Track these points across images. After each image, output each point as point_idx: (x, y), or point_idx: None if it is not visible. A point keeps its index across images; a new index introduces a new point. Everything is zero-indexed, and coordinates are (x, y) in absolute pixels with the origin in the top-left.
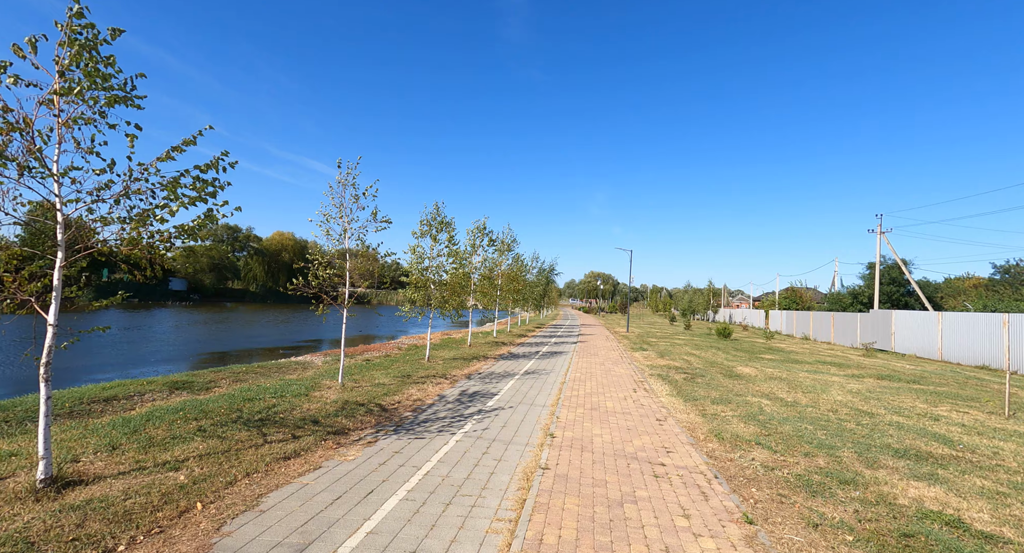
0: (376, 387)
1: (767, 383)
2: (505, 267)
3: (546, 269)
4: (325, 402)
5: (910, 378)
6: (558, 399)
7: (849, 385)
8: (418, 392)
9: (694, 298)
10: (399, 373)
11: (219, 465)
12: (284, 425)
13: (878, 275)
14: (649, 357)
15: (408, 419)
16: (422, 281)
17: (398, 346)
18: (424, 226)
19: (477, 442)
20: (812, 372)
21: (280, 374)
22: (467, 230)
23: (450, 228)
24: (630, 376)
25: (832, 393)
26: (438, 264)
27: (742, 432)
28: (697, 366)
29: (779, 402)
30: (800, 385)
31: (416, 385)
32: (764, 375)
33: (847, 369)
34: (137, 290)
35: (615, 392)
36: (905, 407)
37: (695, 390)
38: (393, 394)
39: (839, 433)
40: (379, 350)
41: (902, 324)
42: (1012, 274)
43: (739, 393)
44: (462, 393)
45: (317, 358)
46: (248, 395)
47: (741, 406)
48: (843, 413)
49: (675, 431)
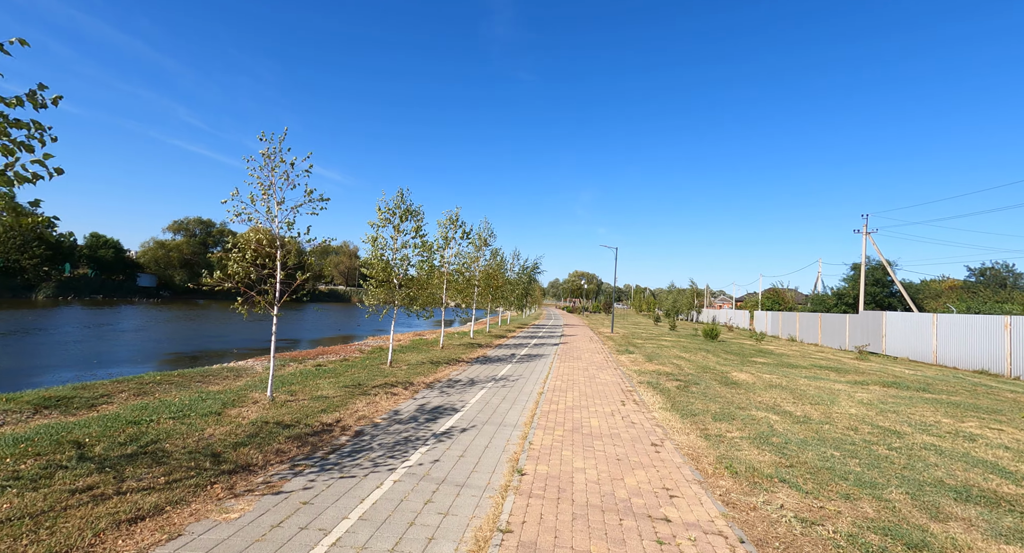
0: (315, 401)
1: (768, 392)
2: (483, 263)
3: (528, 267)
4: (240, 424)
5: (917, 385)
6: (533, 415)
7: (857, 394)
8: (366, 407)
9: (678, 298)
10: (350, 382)
11: (13, 541)
12: (164, 462)
13: (864, 276)
14: (636, 361)
15: (342, 446)
16: (384, 276)
17: (361, 348)
18: (385, 214)
19: (421, 484)
20: (811, 378)
21: (204, 384)
22: (438, 222)
23: (417, 217)
24: (617, 384)
25: (843, 405)
26: (403, 257)
27: (758, 462)
28: (689, 372)
29: (788, 417)
30: (805, 395)
31: (366, 398)
32: (763, 382)
33: (846, 374)
34: (102, 287)
35: (600, 405)
36: (929, 423)
37: (691, 402)
38: (334, 410)
39: (874, 462)
40: (338, 353)
41: (894, 326)
42: (987, 276)
43: (741, 405)
44: (420, 408)
45: (261, 363)
46: (138, 416)
47: (748, 423)
48: (865, 431)
49: (676, 461)
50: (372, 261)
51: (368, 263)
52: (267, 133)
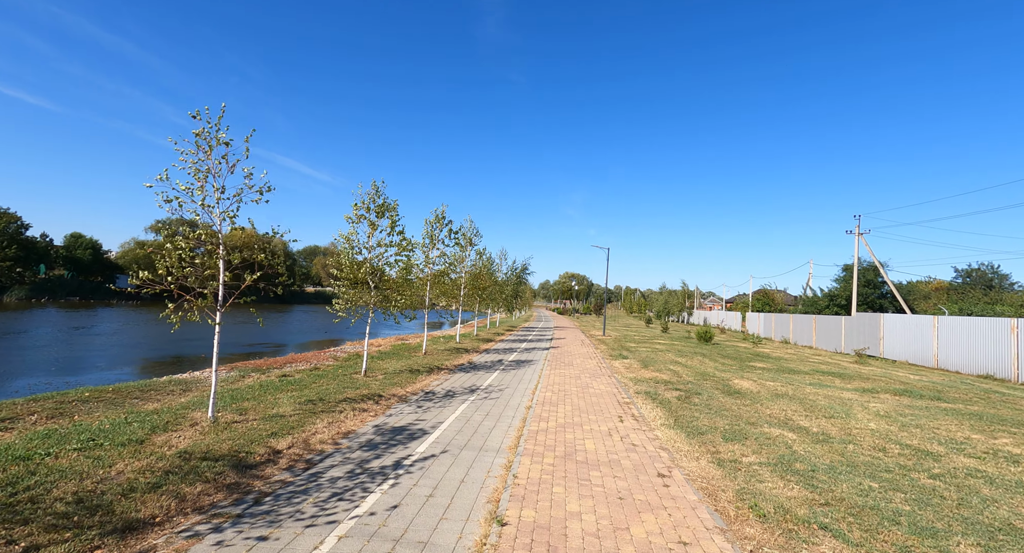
0: (267, 422)
1: (776, 403)
2: (469, 264)
3: (517, 268)
4: (163, 456)
5: (928, 394)
6: (519, 437)
7: (871, 405)
8: (327, 428)
9: (669, 299)
10: (315, 395)
11: None
12: (30, 518)
13: (856, 277)
14: (631, 367)
15: (283, 485)
16: (358, 276)
17: (335, 355)
18: (360, 210)
19: (371, 545)
20: (817, 386)
21: (141, 401)
22: (425, 220)
23: (392, 212)
24: (612, 395)
25: (859, 418)
26: (378, 255)
27: (787, 499)
28: (688, 379)
29: (806, 435)
30: (816, 406)
31: (329, 415)
32: (768, 391)
33: (851, 380)
34: (79, 288)
35: (596, 422)
36: (960, 441)
37: (696, 417)
38: (286, 433)
39: (922, 497)
40: (310, 360)
41: (892, 328)
42: (973, 278)
43: (751, 420)
44: (389, 429)
45: (224, 373)
46: (34, 448)
47: (763, 444)
48: (895, 452)
49: (689, 499)
50: (341, 260)
51: (338, 262)
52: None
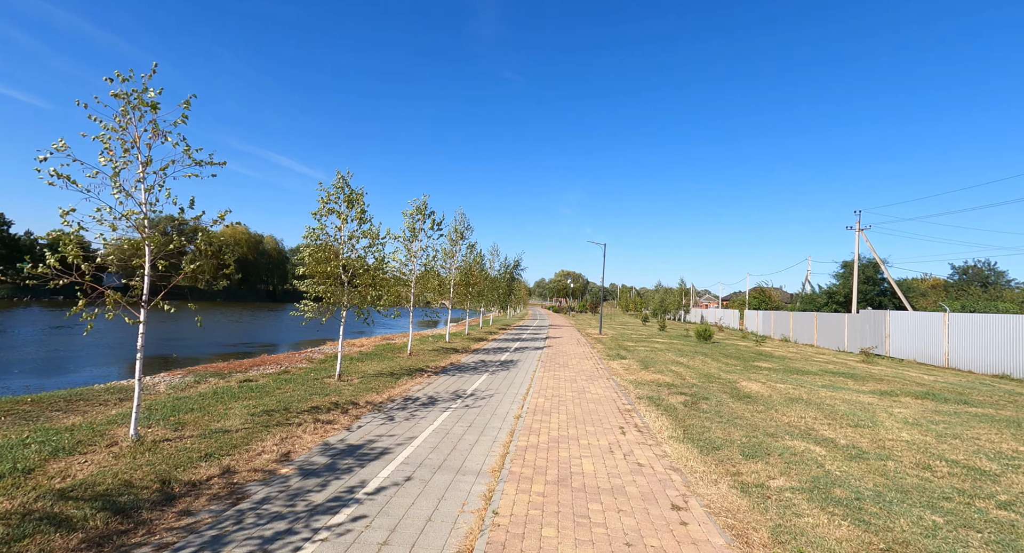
0: (204, 440)
1: (792, 409)
2: (459, 259)
3: (510, 264)
4: (47, 490)
5: (952, 397)
6: (505, 454)
7: (895, 410)
8: (274, 447)
9: (665, 298)
10: (275, 404)
11: None
12: None
13: (857, 273)
14: (630, 368)
15: (177, 541)
16: (328, 271)
17: (311, 357)
18: (330, 202)
19: None
20: (830, 388)
21: (63, 413)
22: (403, 212)
23: (359, 202)
24: (612, 400)
25: (888, 426)
26: (349, 249)
27: (836, 541)
28: (692, 381)
29: (835, 449)
30: (836, 412)
31: (284, 430)
32: (779, 395)
33: (864, 382)
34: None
35: (594, 434)
36: (1009, 454)
37: (707, 426)
38: (224, 454)
39: (1004, 538)
40: (281, 363)
41: (899, 326)
42: (970, 275)
43: (769, 430)
44: (347, 446)
45: (178, 378)
46: None
47: (790, 462)
48: (943, 471)
49: (715, 545)
50: (302, 255)
51: (301, 259)
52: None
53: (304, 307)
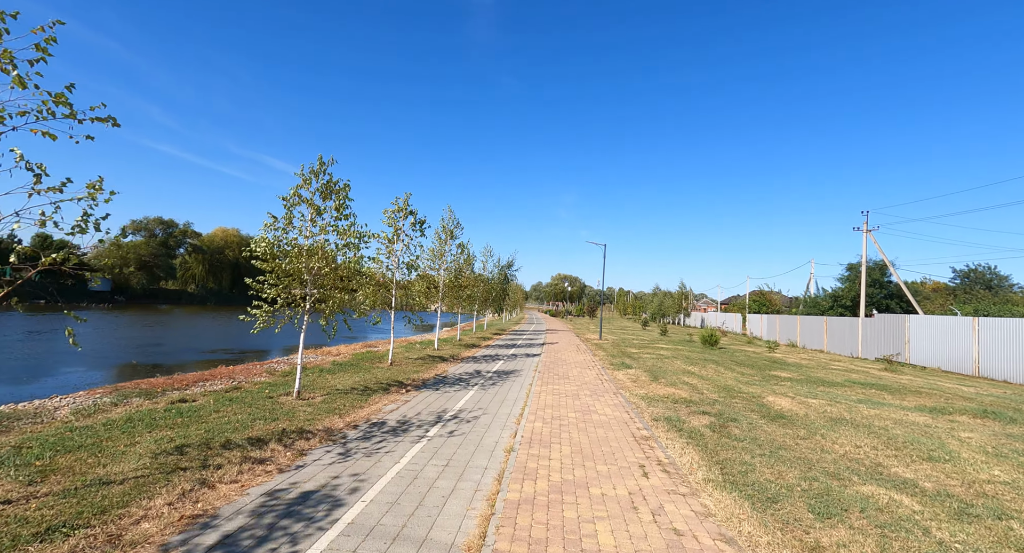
0: (70, 497)
1: (839, 433)
2: (449, 259)
3: (502, 265)
4: None
5: (1012, 414)
6: (489, 517)
7: (960, 434)
8: (163, 508)
9: (664, 301)
10: (196, 437)
11: None
12: None
13: (864, 276)
14: (639, 380)
15: None
16: (289, 269)
17: (273, 369)
18: (304, 190)
19: None
20: (869, 403)
21: None
22: (383, 211)
23: (340, 195)
24: (623, 423)
25: (969, 459)
26: (319, 243)
27: None
28: (711, 396)
29: (924, 497)
30: (894, 438)
31: (189, 477)
32: (817, 414)
33: (902, 395)
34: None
35: (608, 477)
36: None
37: (749, 462)
38: (70, 530)
39: None
40: (235, 376)
41: (920, 331)
42: (972, 278)
43: (829, 468)
44: (263, 509)
45: (91, 399)
46: None
47: (880, 523)
48: None
49: None
50: (255, 248)
51: (258, 252)
52: None
53: (255, 311)
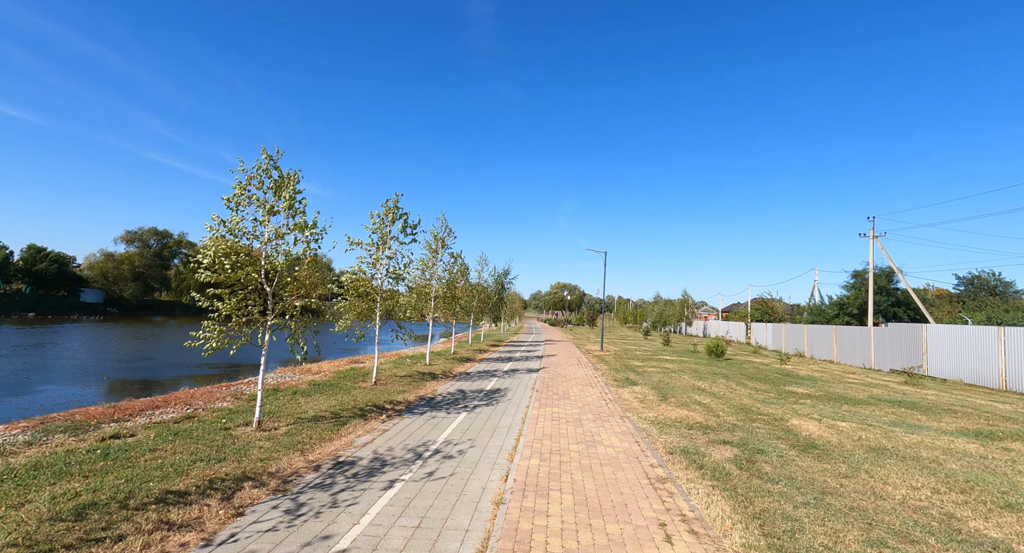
0: None
1: (887, 469)
2: (441, 268)
3: (499, 273)
4: None
5: None
6: None
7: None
8: None
9: (665, 310)
10: (111, 489)
11: None
12: None
13: (872, 283)
14: (646, 400)
15: None
16: (237, 278)
17: (238, 393)
18: (250, 187)
19: None
20: (906, 428)
21: None
22: (370, 214)
23: (289, 185)
24: (635, 458)
25: None
26: (274, 247)
27: None
28: (729, 420)
29: None
30: (954, 477)
31: None
32: (852, 441)
33: (937, 416)
34: (38, 303)
35: (621, 544)
36: None
37: (793, 516)
38: None
39: None
40: (198, 401)
41: (939, 341)
42: (976, 285)
43: (895, 525)
44: None
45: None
46: None
47: None
48: None
49: None
50: (202, 257)
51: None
52: None
53: (204, 333)
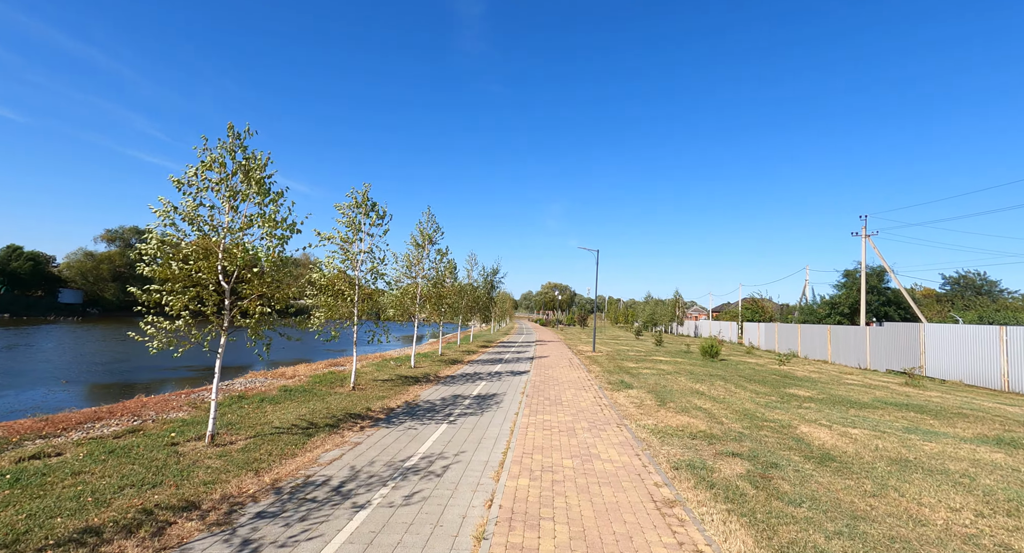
0: None
1: (915, 485)
2: (428, 266)
3: (487, 273)
4: None
5: None
6: None
7: None
8: None
9: (656, 309)
10: (7, 531)
11: None
12: None
13: (864, 282)
14: (644, 405)
15: None
16: (189, 274)
17: (197, 401)
18: (211, 168)
19: None
20: (922, 435)
21: None
22: (335, 206)
23: (256, 169)
24: (636, 475)
25: None
26: (236, 241)
27: None
28: (733, 427)
29: None
30: (993, 495)
31: None
32: (870, 452)
33: (951, 421)
34: (13, 304)
35: None
36: None
37: (824, 548)
38: None
39: None
40: (149, 411)
41: (938, 341)
42: (962, 285)
43: None
44: None
45: None
46: None
47: None
48: None
49: None
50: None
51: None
52: None
53: (150, 328)
